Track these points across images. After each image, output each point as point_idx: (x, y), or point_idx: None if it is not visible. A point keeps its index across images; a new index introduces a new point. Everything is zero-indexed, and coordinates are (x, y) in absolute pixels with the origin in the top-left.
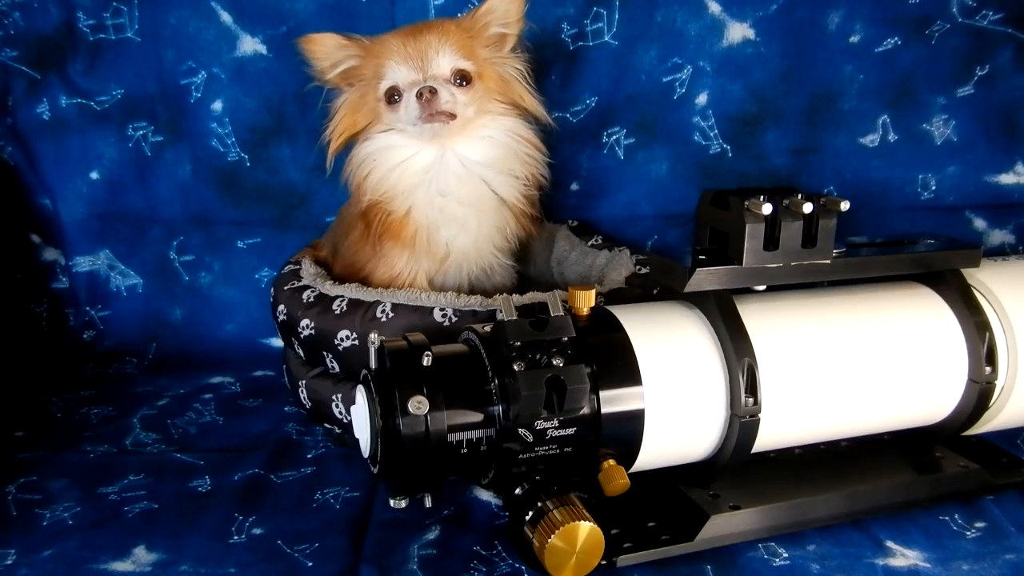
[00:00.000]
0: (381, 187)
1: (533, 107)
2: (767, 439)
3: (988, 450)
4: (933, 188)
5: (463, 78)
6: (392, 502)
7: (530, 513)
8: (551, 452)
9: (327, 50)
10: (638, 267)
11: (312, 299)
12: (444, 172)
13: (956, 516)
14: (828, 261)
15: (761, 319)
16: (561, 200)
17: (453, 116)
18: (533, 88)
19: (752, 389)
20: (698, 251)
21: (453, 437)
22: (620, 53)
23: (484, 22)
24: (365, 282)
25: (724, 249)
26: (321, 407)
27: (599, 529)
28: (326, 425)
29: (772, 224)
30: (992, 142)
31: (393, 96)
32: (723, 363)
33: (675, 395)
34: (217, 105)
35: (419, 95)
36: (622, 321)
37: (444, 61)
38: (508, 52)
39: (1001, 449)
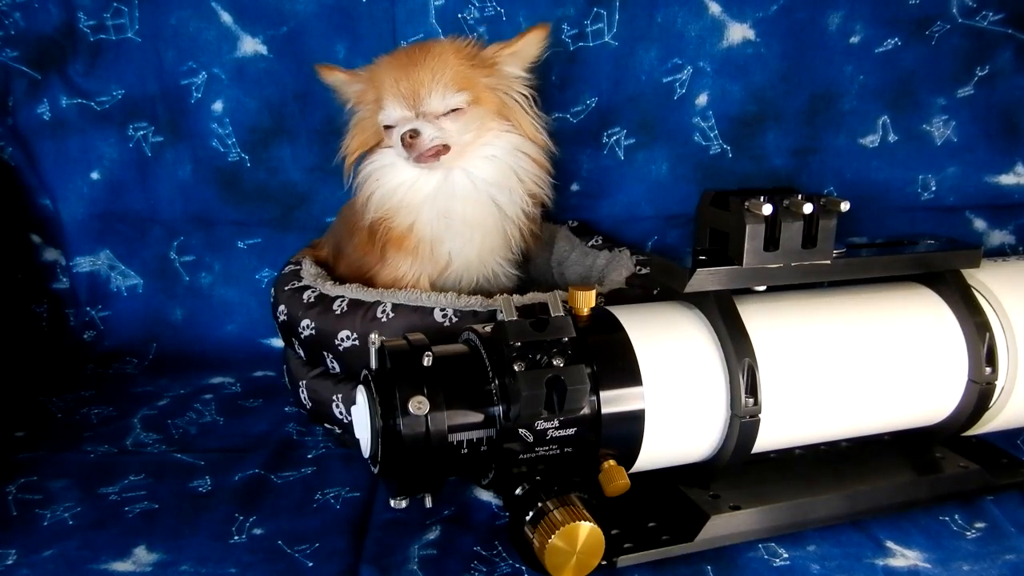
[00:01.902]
0: (384, 204)
1: (531, 134)
2: (767, 439)
3: (988, 450)
4: (933, 189)
5: (455, 110)
6: (392, 502)
7: (530, 513)
8: (551, 452)
9: (337, 83)
10: (638, 267)
11: (312, 299)
12: (450, 191)
13: (956, 516)
14: (828, 261)
15: (761, 319)
16: (561, 200)
17: (447, 148)
18: (535, 111)
19: (752, 389)
20: (698, 251)
21: (453, 437)
22: (620, 53)
23: (502, 62)
24: (370, 283)
25: (724, 249)
26: (321, 407)
27: (599, 529)
28: (326, 425)
29: (772, 224)
30: (992, 142)
31: (390, 128)
32: (723, 363)
33: (675, 395)
34: (217, 105)
35: (402, 140)
36: (622, 321)
37: (435, 100)
38: (513, 78)
39: (1001, 449)
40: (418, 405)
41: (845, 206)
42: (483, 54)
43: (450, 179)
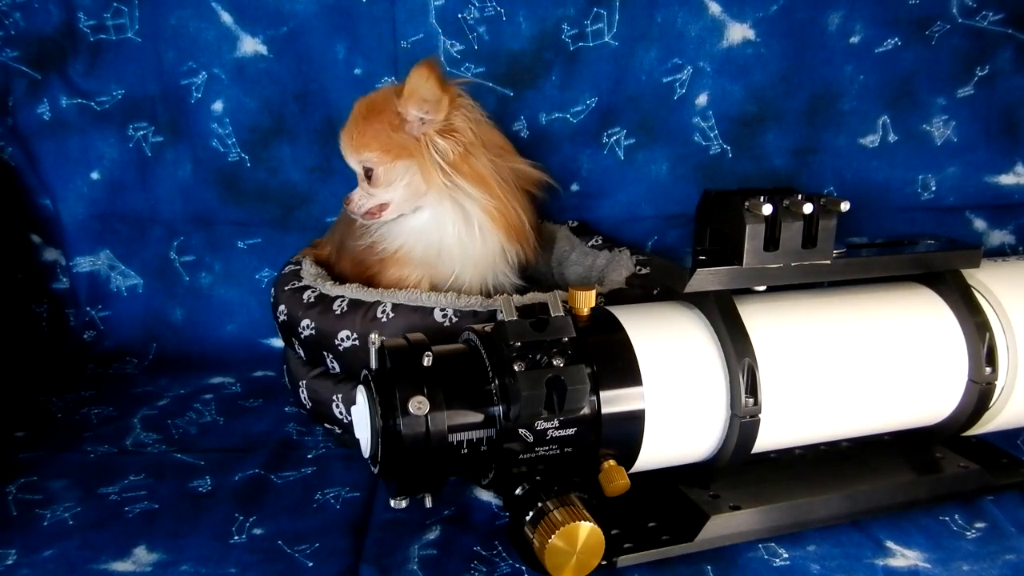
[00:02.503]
0: (382, 234)
1: (435, 187)
2: (767, 439)
3: (988, 450)
4: (933, 188)
5: (369, 171)
6: (392, 502)
7: (530, 513)
8: (551, 452)
9: None
10: (638, 267)
11: (313, 299)
12: (440, 224)
13: (956, 516)
14: (828, 261)
15: (761, 319)
16: (561, 200)
17: (384, 205)
18: (475, 149)
19: (752, 389)
20: (698, 251)
21: (453, 437)
22: (620, 54)
23: (393, 110)
24: (373, 280)
25: (724, 249)
26: (321, 407)
27: (599, 529)
28: (326, 425)
29: (772, 224)
30: (992, 143)
31: None
32: (723, 363)
33: (675, 395)
34: (217, 105)
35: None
36: (622, 321)
37: (353, 163)
38: (439, 129)
39: (1001, 450)
40: (418, 405)
41: (845, 206)
42: (383, 108)
43: (439, 213)
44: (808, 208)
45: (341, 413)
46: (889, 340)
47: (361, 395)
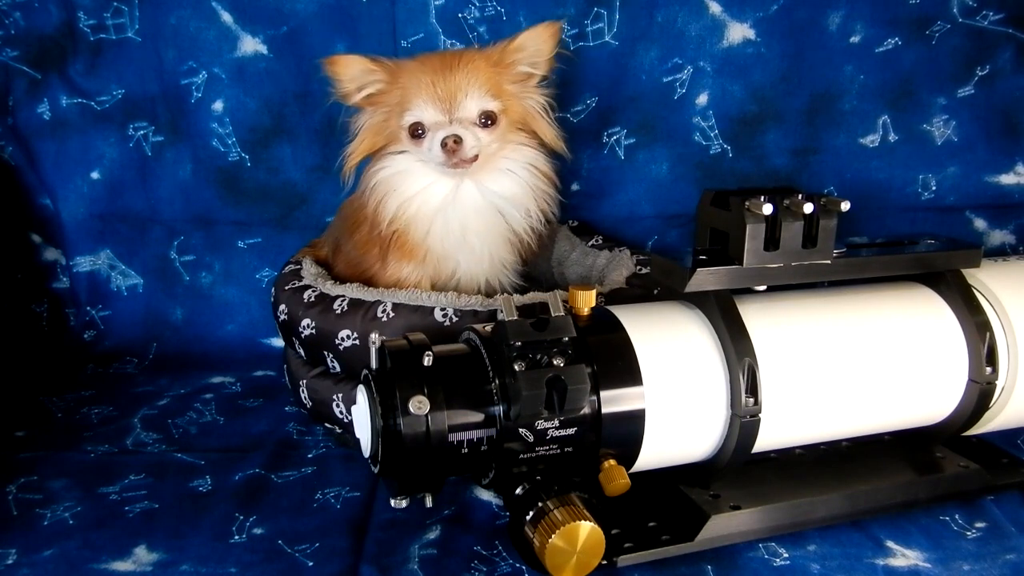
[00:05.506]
0: (400, 213)
1: (552, 141)
2: (768, 439)
3: (988, 450)
4: (933, 188)
5: (488, 118)
6: (393, 502)
7: (531, 513)
8: (552, 452)
9: (353, 72)
10: (638, 267)
11: (313, 299)
12: (462, 201)
13: (956, 516)
14: (828, 261)
15: (761, 319)
16: (561, 200)
17: (476, 157)
18: (553, 120)
19: (752, 389)
20: (698, 251)
21: (454, 437)
22: (620, 53)
23: (513, 59)
24: (369, 282)
25: (724, 249)
26: (322, 407)
27: (600, 529)
28: (327, 425)
29: (773, 224)
30: (992, 142)
31: (417, 131)
32: (724, 363)
33: (676, 395)
34: (218, 105)
35: (443, 144)
36: (623, 321)
37: (471, 104)
38: (534, 86)
39: (1001, 449)
40: (418, 405)
41: (845, 206)
42: (495, 55)
43: (462, 190)
44: (808, 208)
45: (341, 413)
46: (889, 340)
47: (361, 395)
